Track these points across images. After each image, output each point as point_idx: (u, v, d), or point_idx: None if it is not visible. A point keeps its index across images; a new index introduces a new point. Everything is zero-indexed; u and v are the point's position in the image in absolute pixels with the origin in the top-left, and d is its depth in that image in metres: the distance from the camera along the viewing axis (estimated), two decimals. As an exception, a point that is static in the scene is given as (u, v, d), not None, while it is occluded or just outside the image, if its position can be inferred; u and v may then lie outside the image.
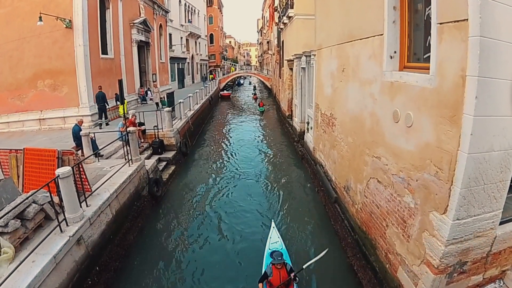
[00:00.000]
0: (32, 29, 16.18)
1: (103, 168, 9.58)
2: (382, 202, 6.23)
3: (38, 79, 17.18)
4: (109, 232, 7.60)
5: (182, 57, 43.38)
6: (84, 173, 7.19)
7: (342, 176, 8.93)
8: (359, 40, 7.37)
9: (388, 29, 5.75)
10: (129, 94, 22.99)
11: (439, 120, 4.29)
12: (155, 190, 10.81)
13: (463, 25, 3.74)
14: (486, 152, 3.92)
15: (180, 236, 9.32)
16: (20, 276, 4.81)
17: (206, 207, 11.09)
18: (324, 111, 11.06)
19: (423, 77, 4.68)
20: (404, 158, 5.33)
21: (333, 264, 7.85)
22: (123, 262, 7.85)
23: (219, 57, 68.66)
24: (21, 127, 17.54)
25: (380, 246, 6.29)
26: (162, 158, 13.92)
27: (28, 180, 7.42)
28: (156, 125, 14.54)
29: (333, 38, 9.54)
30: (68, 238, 5.87)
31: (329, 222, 9.58)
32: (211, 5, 62.99)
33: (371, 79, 6.66)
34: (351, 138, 8.15)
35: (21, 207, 5.51)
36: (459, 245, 4.31)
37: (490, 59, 3.64)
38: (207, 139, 21.69)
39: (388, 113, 5.81)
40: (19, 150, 7.67)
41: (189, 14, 48.33)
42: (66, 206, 6.24)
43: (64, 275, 5.67)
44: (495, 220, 4.40)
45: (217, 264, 7.99)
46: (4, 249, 5.08)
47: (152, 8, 29.57)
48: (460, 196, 4.01)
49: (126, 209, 8.73)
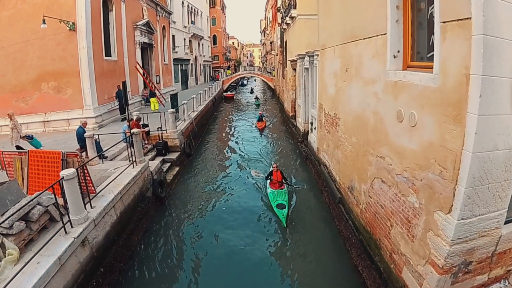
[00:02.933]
0: (35, 31, 16.24)
1: (107, 170, 9.62)
2: (386, 202, 6.20)
3: (42, 81, 17.24)
4: (114, 234, 7.62)
5: (185, 58, 43.49)
6: (88, 174, 7.22)
7: (346, 176, 8.91)
8: (362, 40, 7.36)
9: (391, 29, 5.73)
10: (132, 95, 23.05)
11: (443, 119, 4.27)
12: (159, 191, 10.83)
13: (466, 24, 3.72)
14: (490, 151, 3.89)
15: (185, 237, 9.33)
16: (25, 277, 4.83)
17: (210, 208, 11.11)
18: (327, 111, 11.04)
19: (427, 76, 4.66)
20: (408, 157, 5.31)
21: (337, 264, 7.85)
22: (127, 264, 7.88)
23: (223, 58, 68.80)
24: (25, 130, 17.44)
25: (385, 246, 6.27)
26: (166, 159, 13.94)
27: (33, 182, 7.45)
28: (160, 126, 14.56)
29: (336, 38, 9.53)
30: (73, 240, 5.90)
31: (333, 222, 9.56)
32: (213, 6, 63.09)
33: (374, 79, 6.64)
34: (355, 138, 8.13)
35: (26, 209, 5.54)
36: (464, 244, 4.28)
37: (494, 57, 3.61)
38: (211, 140, 21.71)
39: (392, 113, 5.79)
40: (23, 153, 7.71)
41: (192, 16, 48.47)
42: (70, 208, 6.27)
43: (69, 276, 5.69)
44: (500, 220, 4.36)
45: (221, 266, 7.99)
46: (9, 250, 5.11)
47: (155, 10, 29.64)
48: (465, 196, 3.98)
49: (130, 211, 8.76)
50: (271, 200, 10.69)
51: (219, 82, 45.86)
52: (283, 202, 10.33)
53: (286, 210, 9.97)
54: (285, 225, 9.49)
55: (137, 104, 24.19)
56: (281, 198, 10.54)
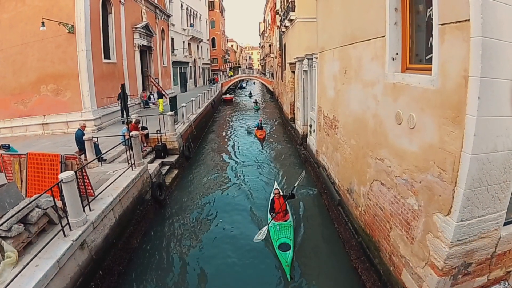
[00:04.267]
0: (35, 33, 16.30)
1: (106, 173, 9.61)
2: (385, 204, 6.20)
3: (41, 84, 17.28)
4: (113, 236, 7.60)
5: (184, 61, 43.56)
6: (87, 177, 7.21)
7: (345, 178, 8.91)
8: (361, 42, 7.38)
9: (390, 31, 5.75)
10: (131, 98, 23.05)
11: (442, 121, 4.28)
12: (158, 194, 10.81)
13: (465, 26, 3.73)
14: (489, 152, 3.90)
15: (184, 240, 9.31)
16: (24, 280, 4.82)
17: (209, 211, 11.09)
18: (326, 114, 11.05)
19: (426, 78, 4.67)
20: (407, 159, 5.31)
21: (337, 266, 7.84)
22: (126, 266, 7.86)
23: (221, 61, 68.90)
24: (24, 132, 17.63)
25: (384, 248, 6.26)
26: (165, 162, 13.93)
27: (32, 184, 7.44)
28: (159, 129, 14.56)
29: (335, 40, 9.55)
30: (72, 243, 5.88)
31: (333, 225, 9.55)
32: (212, 9, 63.26)
33: (373, 81, 6.66)
34: (354, 140, 8.13)
35: (25, 212, 5.52)
36: (463, 246, 4.28)
37: (492, 59, 3.62)
38: (210, 143, 21.70)
39: (391, 115, 5.80)
40: (22, 155, 7.70)
41: (191, 18, 48.58)
42: (69, 211, 6.26)
43: (68, 279, 5.68)
44: (499, 221, 4.36)
45: (221, 268, 7.98)
46: (7, 253, 5.09)
47: (154, 13, 29.73)
48: (464, 197, 3.99)
49: (129, 213, 8.74)
50: (272, 237, 8.61)
51: (218, 85, 45.87)
52: (287, 240, 8.36)
53: (291, 253, 7.94)
54: (289, 277, 7.32)
55: (136, 106, 24.21)
56: (284, 235, 8.55)
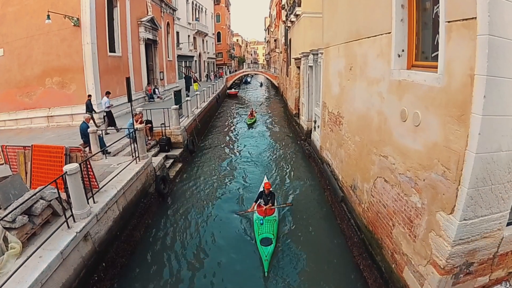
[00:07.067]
0: (40, 26, 16.34)
1: (110, 165, 9.66)
2: (388, 202, 6.19)
3: (47, 77, 17.35)
4: (116, 229, 7.65)
5: (189, 55, 43.55)
6: (91, 170, 7.25)
7: (349, 175, 8.90)
8: (366, 39, 7.32)
9: (396, 28, 5.70)
10: (136, 92, 23.10)
11: (447, 119, 4.25)
12: (162, 188, 10.86)
13: (472, 24, 3.69)
14: (494, 152, 3.87)
15: (187, 234, 9.35)
16: (27, 271, 4.86)
17: (213, 205, 11.13)
18: (331, 110, 11.01)
19: (431, 76, 4.63)
20: (411, 157, 5.29)
21: (339, 263, 7.85)
22: (129, 259, 7.91)
23: (227, 55, 68.80)
24: (29, 124, 17.73)
25: (386, 245, 6.26)
26: (169, 156, 13.98)
27: (36, 176, 7.49)
28: (164, 122, 14.59)
29: (341, 37, 9.49)
30: (75, 234, 5.93)
31: (336, 221, 9.55)
32: (218, 3, 63.11)
33: (378, 78, 6.62)
34: (358, 137, 8.11)
35: (29, 203, 5.57)
36: (465, 245, 4.27)
37: (499, 58, 3.58)
38: (214, 137, 21.71)
39: (396, 112, 5.77)
40: (27, 147, 7.74)
41: (197, 12, 48.47)
42: (73, 203, 6.29)
43: (71, 270, 5.73)
44: (502, 221, 4.34)
45: (223, 262, 8.01)
46: (11, 244, 5.14)
47: (159, 6, 29.64)
48: (468, 196, 3.97)
49: (133, 206, 8.79)
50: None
51: (222, 79, 45.88)
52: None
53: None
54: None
55: (141, 100, 24.25)
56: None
